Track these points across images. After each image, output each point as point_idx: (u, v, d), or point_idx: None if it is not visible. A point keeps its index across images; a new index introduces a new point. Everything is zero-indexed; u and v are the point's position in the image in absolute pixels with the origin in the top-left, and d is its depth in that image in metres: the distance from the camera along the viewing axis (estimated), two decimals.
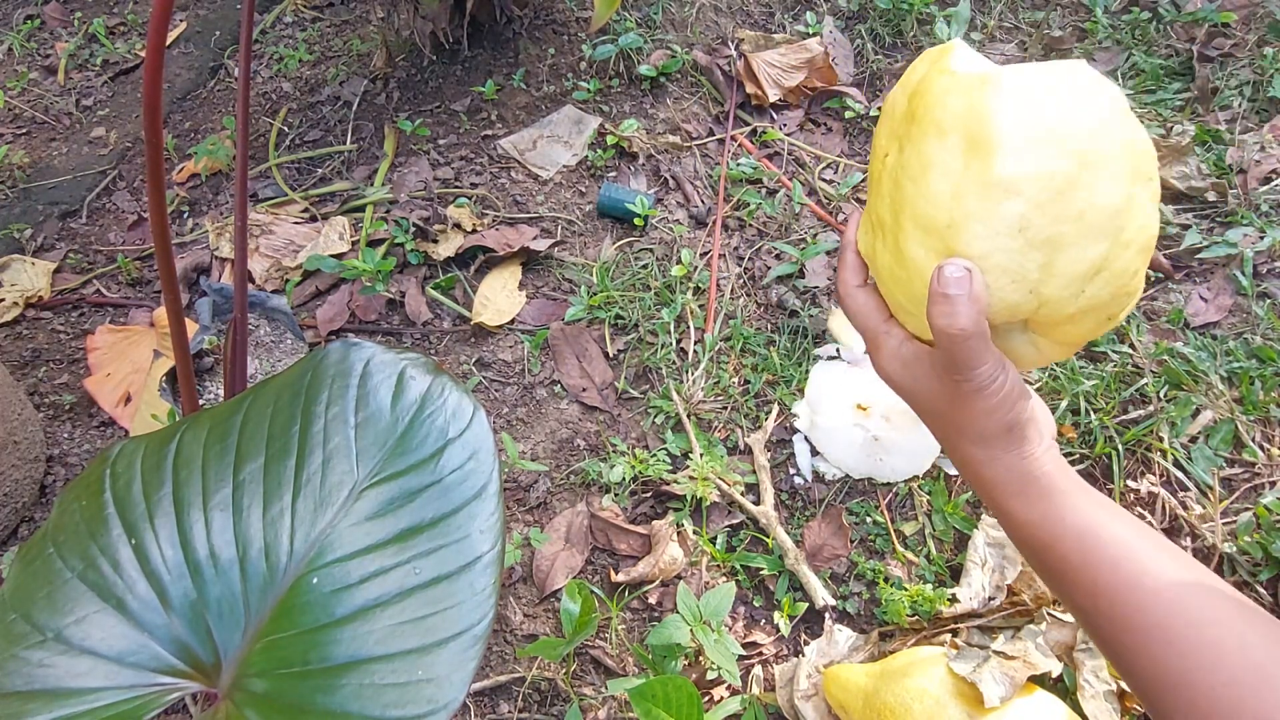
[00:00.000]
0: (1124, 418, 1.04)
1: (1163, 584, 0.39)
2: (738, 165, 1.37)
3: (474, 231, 1.32)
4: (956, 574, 0.96)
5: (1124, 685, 0.83)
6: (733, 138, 1.43)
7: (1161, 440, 1.01)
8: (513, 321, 1.24)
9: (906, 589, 0.93)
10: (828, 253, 1.25)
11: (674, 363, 1.17)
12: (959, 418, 0.43)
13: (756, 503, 1.03)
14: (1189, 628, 0.38)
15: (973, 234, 0.39)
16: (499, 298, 1.25)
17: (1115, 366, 1.08)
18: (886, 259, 0.44)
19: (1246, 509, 0.96)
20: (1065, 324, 0.41)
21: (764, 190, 1.36)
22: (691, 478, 1.03)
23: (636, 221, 1.31)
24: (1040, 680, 0.81)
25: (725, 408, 1.12)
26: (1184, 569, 0.40)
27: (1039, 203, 0.38)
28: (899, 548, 0.99)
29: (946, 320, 0.39)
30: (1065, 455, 1.03)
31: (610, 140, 1.41)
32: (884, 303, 0.46)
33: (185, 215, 1.43)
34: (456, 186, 1.41)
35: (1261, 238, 1.17)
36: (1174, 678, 0.38)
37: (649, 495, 1.06)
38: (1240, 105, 1.34)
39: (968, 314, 0.38)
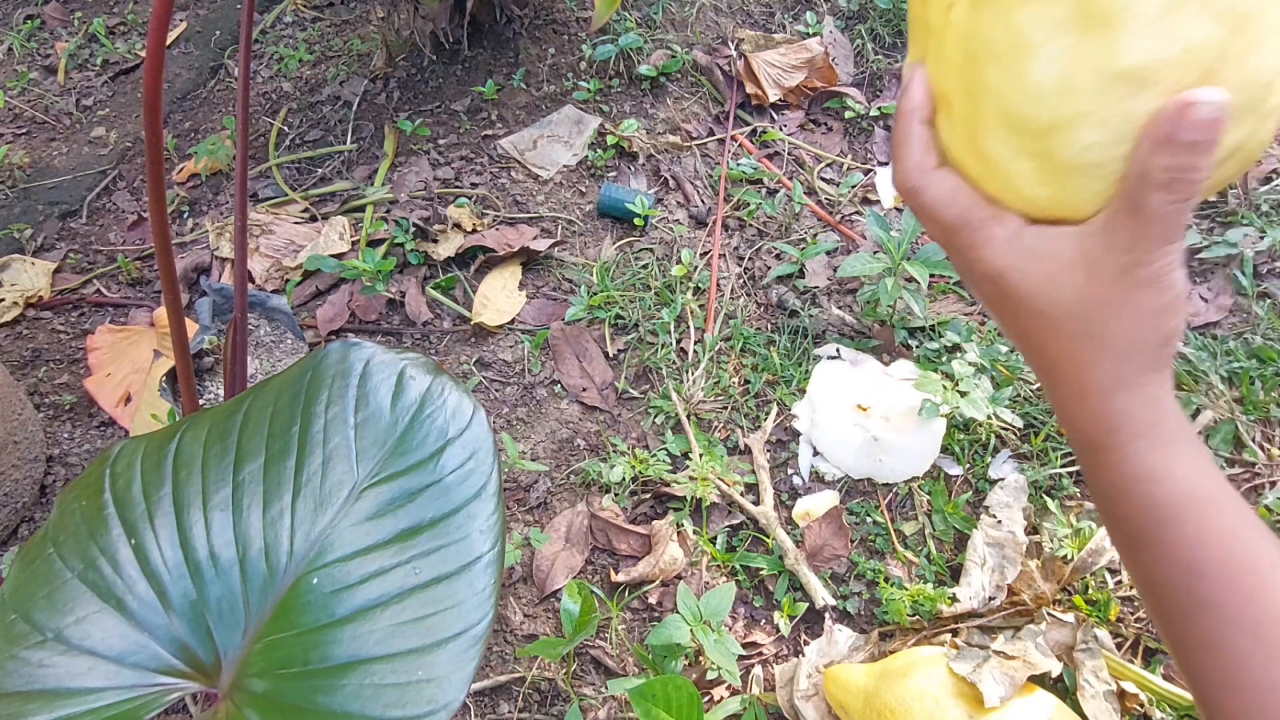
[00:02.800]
0: None
1: (1273, 581, 0.33)
2: (738, 165, 1.37)
3: (474, 231, 1.32)
4: (956, 574, 0.96)
5: (1124, 685, 0.83)
6: (733, 138, 1.43)
7: None
8: (513, 321, 1.24)
9: (907, 589, 0.93)
10: (828, 253, 1.25)
11: (674, 363, 1.17)
12: (1110, 321, 0.32)
13: (756, 503, 1.03)
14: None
15: (1088, 138, 0.30)
16: (499, 298, 1.25)
17: None
18: (958, 149, 0.35)
19: None
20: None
21: (764, 190, 1.36)
22: (691, 478, 1.03)
23: (636, 221, 1.31)
24: (1040, 680, 0.81)
25: (725, 408, 1.12)
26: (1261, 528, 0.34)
27: (1182, 83, 0.29)
28: (899, 548, 0.99)
29: (1189, 175, 0.29)
30: (1065, 455, 1.03)
31: (610, 140, 1.41)
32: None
33: (185, 215, 1.43)
34: (456, 186, 1.41)
35: (1261, 238, 1.17)
36: (1255, 678, 0.33)
37: (649, 495, 1.06)
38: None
39: (1209, 169, 0.29)
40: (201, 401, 1.10)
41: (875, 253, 1.16)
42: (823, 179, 1.38)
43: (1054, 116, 0.30)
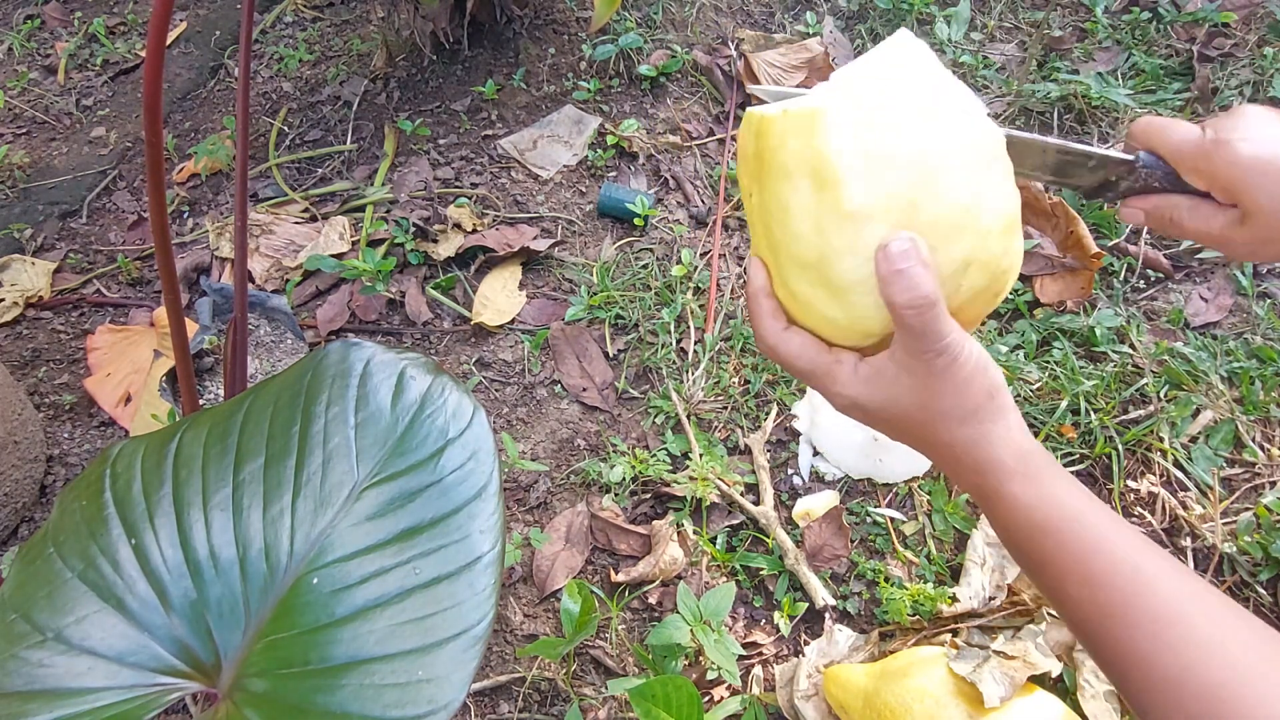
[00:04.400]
0: (1124, 418, 1.04)
1: (1156, 578, 0.39)
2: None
3: (474, 231, 1.32)
4: (956, 574, 0.96)
5: None
6: (733, 138, 1.43)
7: (1161, 440, 1.01)
8: (513, 321, 1.24)
9: (907, 589, 0.93)
10: None
11: (674, 363, 1.17)
12: (940, 402, 0.41)
13: (756, 503, 1.03)
14: (1182, 625, 0.38)
15: (846, 265, 0.40)
16: (499, 298, 1.25)
17: (1115, 366, 1.08)
18: (786, 301, 0.45)
19: (1246, 509, 0.96)
20: (957, 313, 0.42)
21: None
22: (691, 478, 1.03)
23: (636, 221, 1.31)
24: (1040, 680, 0.81)
25: (725, 408, 1.12)
26: (1171, 564, 0.40)
27: (894, 223, 0.39)
28: (899, 548, 0.99)
29: (909, 293, 0.38)
30: (1065, 455, 1.03)
31: (610, 140, 1.41)
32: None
33: (185, 215, 1.43)
34: (456, 186, 1.41)
35: None
36: (1163, 674, 0.37)
37: (649, 495, 1.06)
38: (1240, 105, 1.34)
39: (926, 280, 0.38)
40: (201, 401, 1.10)
41: None
42: None
43: (819, 253, 0.41)
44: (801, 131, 0.41)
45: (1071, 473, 1.01)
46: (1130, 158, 0.48)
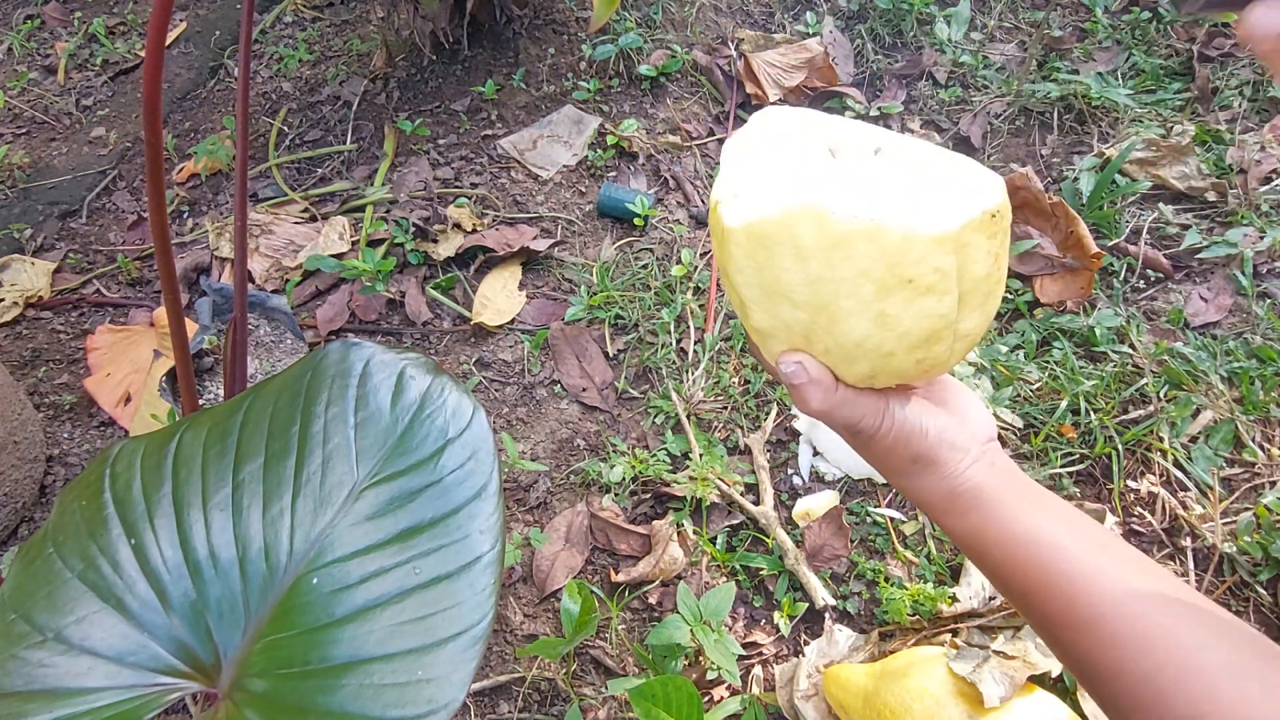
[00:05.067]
0: (1124, 418, 1.04)
1: (1088, 579, 0.41)
2: None
3: (474, 231, 1.32)
4: (956, 574, 0.96)
5: None
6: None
7: (1161, 440, 1.01)
8: (513, 321, 1.24)
9: (907, 588, 0.93)
10: None
11: (674, 363, 1.17)
12: (877, 457, 0.46)
13: (756, 503, 1.03)
14: (1118, 619, 0.39)
15: (770, 357, 0.45)
16: (499, 298, 1.25)
17: (1115, 366, 1.08)
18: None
19: (1246, 509, 0.96)
20: (890, 388, 0.44)
21: None
22: (691, 478, 1.03)
23: (636, 221, 1.31)
24: (1040, 680, 0.81)
25: (725, 408, 1.12)
26: (1113, 562, 0.41)
27: (793, 343, 0.42)
28: (899, 547, 0.99)
29: (804, 406, 0.43)
30: (1065, 455, 1.03)
31: (610, 140, 1.41)
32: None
33: (185, 215, 1.43)
34: (456, 186, 1.41)
35: (1261, 238, 1.17)
36: (1110, 668, 0.40)
37: (649, 495, 1.06)
38: (1240, 105, 1.34)
39: (816, 396, 0.43)
40: (201, 401, 1.10)
41: None
42: None
43: (757, 339, 0.45)
44: (719, 240, 0.43)
45: (1072, 472, 1.01)
46: None
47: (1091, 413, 1.04)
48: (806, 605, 0.96)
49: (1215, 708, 0.36)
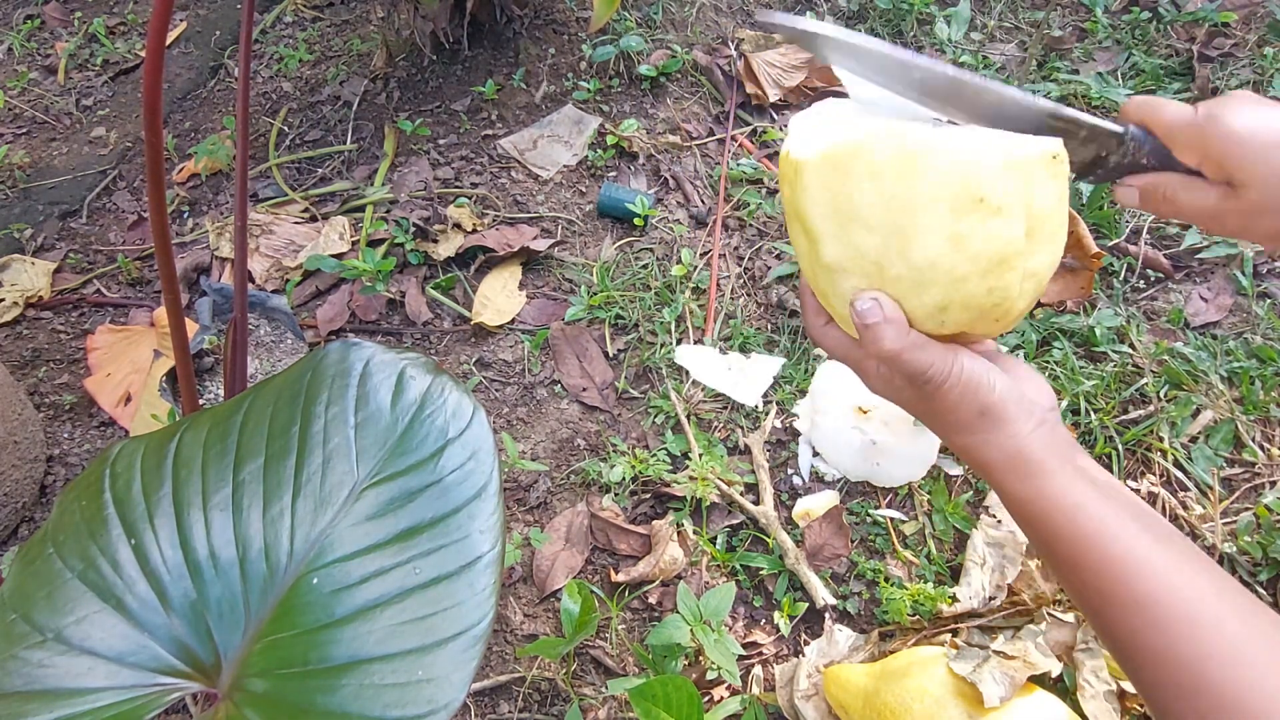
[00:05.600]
0: (1124, 418, 1.04)
1: (1142, 560, 0.41)
2: (738, 165, 1.37)
3: (474, 231, 1.32)
4: (956, 574, 0.96)
5: (1124, 685, 0.83)
6: (733, 138, 1.43)
7: (1161, 440, 1.01)
8: (513, 321, 1.24)
9: (907, 588, 0.93)
10: None
11: (674, 363, 1.17)
12: (939, 413, 0.46)
13: (756, 503, 1.03)
14: (1167, 603, 0.39)
15: (834, 303, 0.46)
16: (499, 298, 1.25)
17: (1115, 366, 1.08)
18: (827, 305, 0.50)
19: (1246, 509, 0.96)
20: (956, 338, 0.45)
21: (764, 190, 1.36)
22: (691, 478, 1.03)
23: (636, 221, 1.31)
24: (1040, 680, 0.81)
25: (725, 408, 1.12)
26: (1167, 547, 0.41)
27: (866, 275, 0.43)
28: (899, 547, 0.99)
29: (876, 345, 0.43)
30: None
31: (610, 140, 1.41)
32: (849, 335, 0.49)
33: (185, 215, 1.43)
34: (456, 186, 1.41)
35: None
36: (1154, 653, 0.39)
37: (649, 495, 1.06)
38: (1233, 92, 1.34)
39: (890, 335, 0.43)
40: (201, 401, 1.10)
41: None
42: None
43: (822, 288, 0.46)
44: (790, 182, 0.44)
45: None
46: (1120, 129, 0.48)
47: (1091, 413, 1.04)
48: (806, 605, 0.96)
49: (1260, 700, 0.36)
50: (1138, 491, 1.00)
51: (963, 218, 0.40)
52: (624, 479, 1.06)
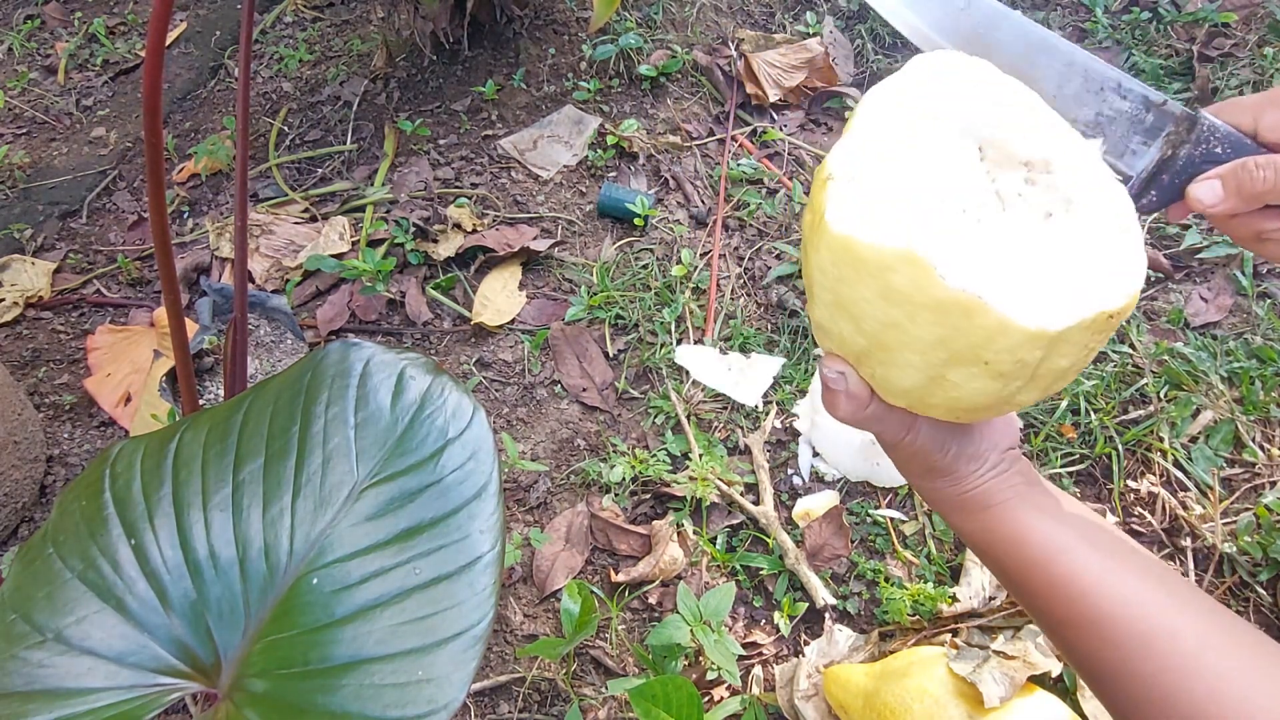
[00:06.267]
0: (1124, 418, 1.04)
1: (1092, 580, 0.41)
2: (738, 165, 1.37)
3: (474, 231, 1.32)
4: (956, 574, 0.96)
5: None
6: (733, 138, 1.43)
7: (1161, 440, 1.01)
8: (513, 321, 1.24)
9: (907, 588, 0.93)
10: None
11: (674, 363, 1.17)
12: (890, 456, 0.47)
13: (756, 503, 1.03)
14: (1122, 619, 0.39)
15: (819, 333, 0.43)
16: (499, 298, 1.25)
17: (1115, 366, 1.08)
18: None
19: (1246, 509, 0.96)
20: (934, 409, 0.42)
21: (764, 190, 1.36)
22: (691, 478, 1.03)
23: (636, 221, 1.31)
24: (1040, 680, 0.81)
25: (725, 408, 1.12)
26: (1119, 564, 0.41)
27: (844, 350, 0.40)
28: (899, 547, 0.99)
29: (832, 410, 0.44)
30: (1065, 455, 1.03)
31: (610, 140, 1.41)
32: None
33: (185, 215, 1.43)
34: (456, 186, 1.41)
35: None
36: (1112, 669, 0.39)
37: (649, 495, 1.06)
38: None
39: (845, 406, 0.42)
40: (201, 401, 1.10)
41: None
42: None
43: (812, 316, 0.42)
44: (812, 227, 0.39)
45: (1072, 472, 1.01)
46: (1192, 111, 0.40)
47: (1091, 413, 1.04)
48: (806, 605, 0.96)
49: (1219, 709, 0.36)
50: (1137, 491, 1.00)
51: (957, 369, 0.36)
52: (624, 479, 1.06)
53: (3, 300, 1.29)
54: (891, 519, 1.01)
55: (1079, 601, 0.41)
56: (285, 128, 1.53)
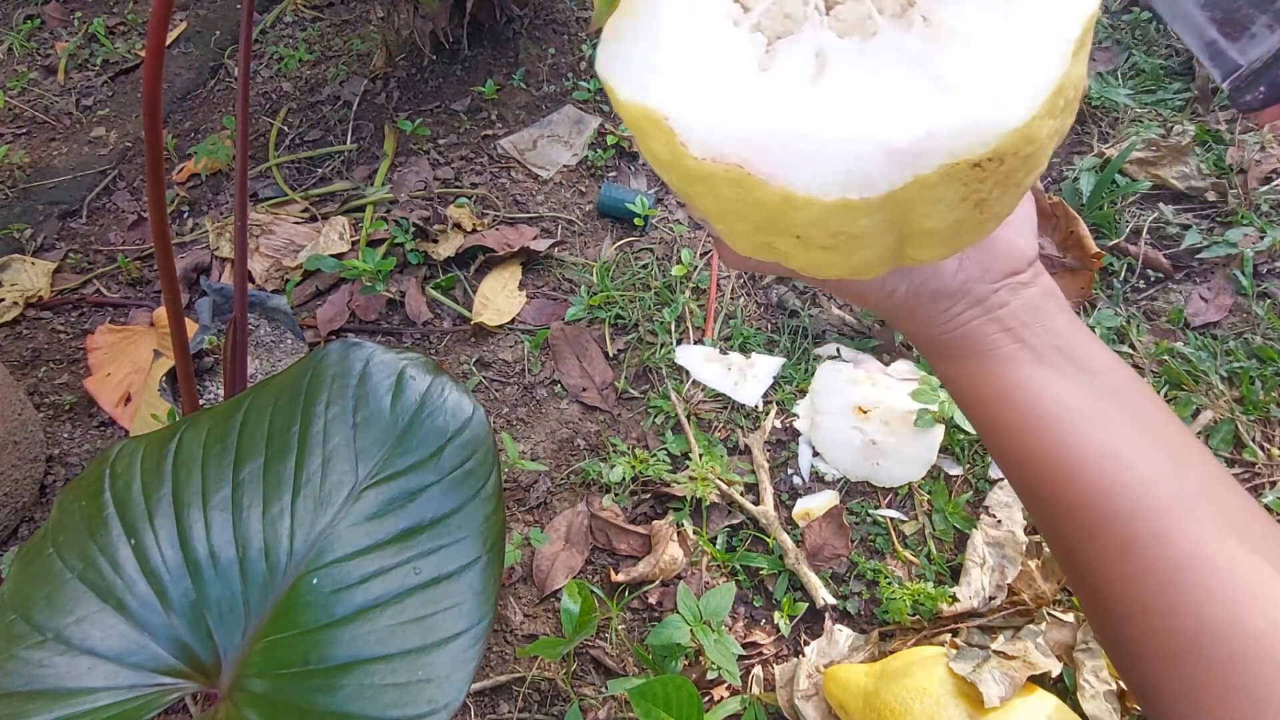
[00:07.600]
0: None
1: (1090, 455, 0.33)
2: None
3: (474, 231, 1.32)
4: (956, 574, 0.96)
5: (1124, 685, 0.83)
6: None
7: None
8: (513, 321, 1.24)
9: (907, 588, 0.93)
10: None
11: (674, 363, 1.17)
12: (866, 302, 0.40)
13: (756, 503, 1.03)
14: (1105, 509, 0.33)
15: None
16: (499, 298, 1.25)
17: None
18: None
19: None
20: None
21: None
22: (691, 478, 1.03)
23: (636, 221, 1.31)
24: (1040, 680, 0.81)
25: (725, 408, 1.12)
26: (1125, 437, 0.34)
27: (700, 215, 0.32)
28: (899, 547, 0.99)
29: (725, 261, 0.38)
30: None
31: (610, 140, 1.41)
32: None
33: (185, 215, 1.43)
34: (456, 186, 1.41)
35: (1261, 238, 1.17)
36: (1087, 562, 0.34)
37: (649, 495, 1.06)
38: None
39: (723, 254, 0.37)
40: (201, 401, 1.10)
41: None
42: None
43: None
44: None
45: None
46: None
47: None
48: (806, 605, 0.96)
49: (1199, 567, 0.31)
50: None
51: (777, 238, 0.29)
52: (624, 479, 1.06)
53: (2, 300, 1.29)
54: (891, 519, 1.01)
55: (1068, 481, 0.34)
56: (285, 128, 1.53)
